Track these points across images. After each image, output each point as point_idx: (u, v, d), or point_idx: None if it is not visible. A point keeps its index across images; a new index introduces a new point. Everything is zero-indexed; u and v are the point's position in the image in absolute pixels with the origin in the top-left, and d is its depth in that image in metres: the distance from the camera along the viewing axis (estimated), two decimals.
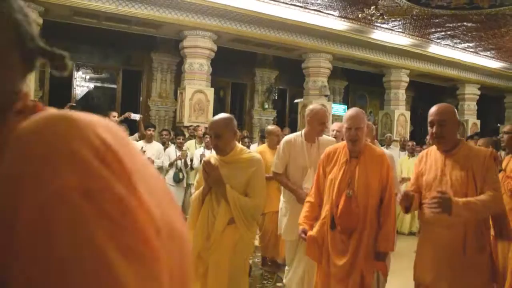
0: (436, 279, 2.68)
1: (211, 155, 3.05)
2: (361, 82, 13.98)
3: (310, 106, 3.95)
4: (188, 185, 7.23)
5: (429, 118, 2.78)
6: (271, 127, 5.59)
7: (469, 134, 11.85)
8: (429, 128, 2.80)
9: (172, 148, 7.29)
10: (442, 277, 2.65)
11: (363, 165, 2.99)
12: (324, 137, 3.93)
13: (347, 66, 12.39)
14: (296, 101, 12.46)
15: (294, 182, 3.80)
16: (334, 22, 9.45)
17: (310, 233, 3.04)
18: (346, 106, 12.83)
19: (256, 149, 5.62)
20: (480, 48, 11.53)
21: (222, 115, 2.96)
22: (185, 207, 7.29)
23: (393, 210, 2.96)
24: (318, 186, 3.18)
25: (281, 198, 4.04)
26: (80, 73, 10.68)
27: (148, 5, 8.21)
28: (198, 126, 8.25)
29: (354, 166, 3.00)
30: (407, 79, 12.43)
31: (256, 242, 5.53)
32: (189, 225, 2.90)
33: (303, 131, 3.89)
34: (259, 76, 12.19)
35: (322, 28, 9.53)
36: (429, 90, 14.44)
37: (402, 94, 12.48)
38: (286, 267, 3.93)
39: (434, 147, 2.88)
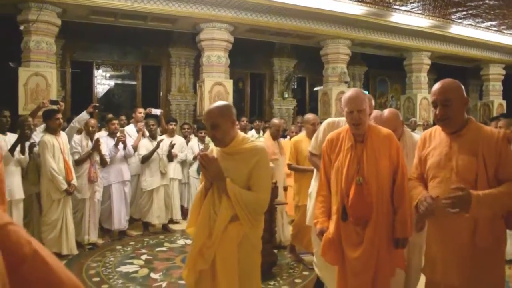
0: (446, 275, 2.45)
1: (214, 147, 2.81)
2: (381, 67, 13.76)
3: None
4: None
5: (431, 98, 2.52)
6: (308, 115, 5.41)
7: (495, 115, 11.58)
8: (432, 108, 2.54)
9: (194, 141, 7.34)
10: (452, 273, 2.42)
11: (371, 148, 2.79)
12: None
13: (367, 51, 12.20)
14: (316, 89, 12.36)
15: None
16: (351, 7, 9.30)
17: (326, 234, 2.85)
18: (367, 92, 12.63)
19: (295, 138, 5.56)
20: (503, 26, 11.19)
21: (218, 103, 2.72)
22: None
23: (407, 191, 2.72)
24: (327, 176, 2.97)
25: (312, 181, 3.94)
26: (100, 71, 10.80)
27: (163, 0, 8.22)
28: None
29: (360, 151, 2.79)
30: (429, 62, 12.18)
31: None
32: (191, 222, 2.76)
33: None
34: (278, 65, 12.11)
35: (339, 14, 9.39)
36: (452, 71, 14.00)
37: (424, 77, 12.25)
38: (314, 259, 3.84)
39: (438, 127, 2.60)
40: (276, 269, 4.93)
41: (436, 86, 2.49)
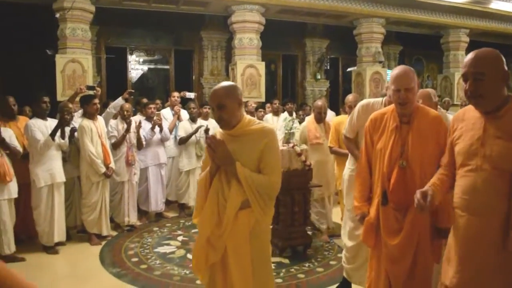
0: (463, 282, 2.11)
1: (218, 130, 2.67)
2: (417, 45, 13.38)
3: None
4: None
5: (462, 70, 2.16)
6: (348, 96, 5.20)
7: None
8: (462, 83, 2.17)
9: None
10: (470, 281, 2.09)
11: (417, 130, 2.60)
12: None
13: (401, 29, 11.86)
14: (349, 69, 12.16)
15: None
16: None
17: (367, 218, 2.73)
18: None
19: (337, 119, 5.43)
20: None
21: (223, 83, 2.58)
22: None
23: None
24: (368, 158, 2.82)
25: (347, 164, 3.84)
26: (133, 56, 10.95)
27: None
28: (248, 101, 8.30)
29: (406, 133, 2.60)
30: (467, 39, 11.73)
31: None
32: (197, 211, 2.58)
33: (385, 98, 3.47)
34: (310, 46, 11.96)
35: None
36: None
37: (462, 55, 11.82)
38: (344, 243, 3.80)
39: (472, 106, 2.22)
40: (311, 251, 4.96)
41: (469, 56, 2.14)
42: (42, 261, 4.82)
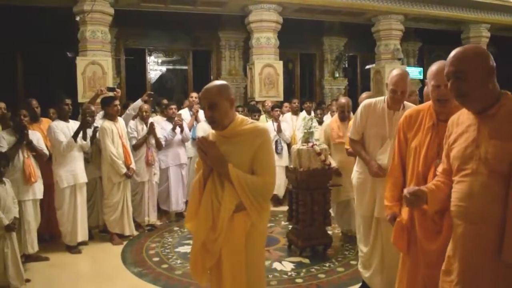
0: None
1: (210, 131, 2.60)
2: (437, 42, 13.18)
3: (393, 71, 3.48)
4: None
5: (445, 69, 2.08)
6: (362, 94, 5.12)
7: None
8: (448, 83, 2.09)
9: None
10: None
11: None
12: (412, 105, 3.45)
13: (421, 25, 11.71)
14: (367, 67, 12.07)
15: (369, 152, 3.52)
16: None
17: (399, 219, 2.56)
18: (421, 69, 12.20)
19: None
20: None
21: (215, 82, 2.50)
22: None
23: None
24: (401, 156, 2.67)
25: (355, 167, 3.79)
26: (152, 57, 11.06)
27: None
28: (265, 100, 8.31)
29: (443, 131, 2.36)
30: (488, 34, 11.52)
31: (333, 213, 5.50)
32: (190, 215, 2.50)
33: (387, 96, 3.48)
34: (328, 44, 11.91)
35: None
36: None
37: None
38: (359, 249, 3.73)
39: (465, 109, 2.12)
40: (331, 251, 4.94)
41: (450, 54, 2.06)
42: (65, 261, 4.90)
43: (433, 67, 2.56)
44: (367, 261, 3.58)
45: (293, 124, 7.52)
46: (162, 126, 6.30)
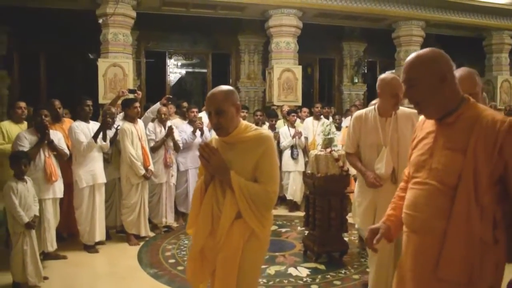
0: None
1: (213, 136, 2.54)
2: (458, 48, 12.99)
3: (381, 76, 3.49)
4: None
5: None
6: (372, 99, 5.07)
7: None
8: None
9: (285, 129, 7.39)
10: None
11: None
12: (405, 109, 3.43)
13: (442, 32, 11.59)
14: (387, 73, 11.97)
15: (367, 162, 3.46)
16: None
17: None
18: None
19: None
20: None
21: (221, 87, 2.40)
22: None
23: None
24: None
25: (356, 186, 3.76)
26: (172, 60, 11.16)
27: None
28: (283, 105, 8.31)
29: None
30: (511, 41, 11.37)
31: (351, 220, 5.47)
32: (191, 221, 2.48)
33: (376, 104, 3.48)
34: (347, 49, 11.85)
35: None
36: None
37: (505, 58, 11.46)
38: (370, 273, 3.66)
39: None
40: (347, 258, 4.90)
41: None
42: (82, 259, 4.96)
43: (457, 75, 2.19)
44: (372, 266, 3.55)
45: (314, 129, 7.47)
46: (182, 129, 6.35)
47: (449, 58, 1.94)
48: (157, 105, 6.21)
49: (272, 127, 7.33)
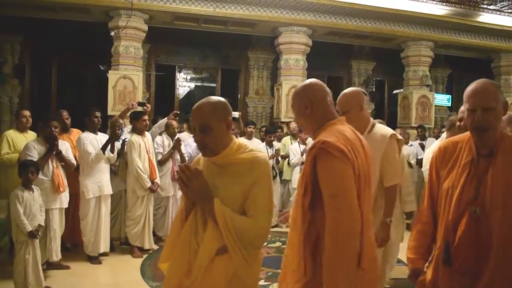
0: None
1: (200, 156, 2.15)
2: (466, 69, 13.02)
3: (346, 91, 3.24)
4: (286, 181, 7.40)
5: None
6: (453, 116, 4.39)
7: None
8: None
9: (263, 145, 7.42)
10: None
11: (501, 167, 1.87)
12: (383, 126, 3.24)
13: (451, 53, 11.62)
14: (395, 91, 11.99)
15: None
16: (435, 7, 8.95)
17: (422, 278, 2.04)
18: (450, 96, 12.07)
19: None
20: None
21: (210, 98, 2.04)
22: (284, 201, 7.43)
23: None
24: (432, 198, 2.12)
25: None
26: (182, 74, 11.23)
27: (244, 5, 8.43)
28: (290, 122, 8.33)
29: (484, 169, 1.90)
30: None
31: None
32: (165, 254, 2.10)
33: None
34: (356, 68, 11.89)
35: (422, 15, 9.07)
36: None
37: None
38: None
39: None
40: None
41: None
42: (85, 270, 4.97)
43: (469, 88, 2.06)
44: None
45: None
46: (187, 143, 6.37)
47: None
48: (164, 120, 6.25)
49: (270, 144, 7.33)
